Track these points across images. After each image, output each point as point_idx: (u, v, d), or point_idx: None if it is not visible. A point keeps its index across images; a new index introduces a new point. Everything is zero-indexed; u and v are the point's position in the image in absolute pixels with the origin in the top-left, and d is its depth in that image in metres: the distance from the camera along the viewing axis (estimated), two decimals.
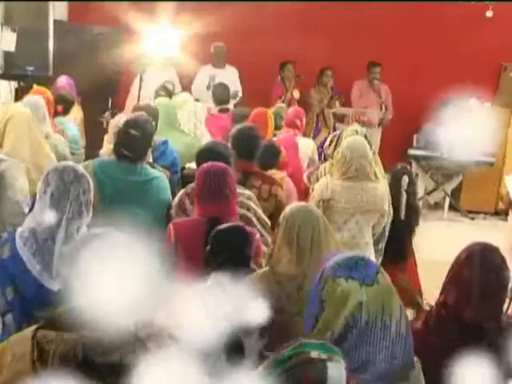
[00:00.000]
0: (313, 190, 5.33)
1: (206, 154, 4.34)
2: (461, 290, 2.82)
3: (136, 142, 4.30)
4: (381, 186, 5.00)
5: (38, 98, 5.72)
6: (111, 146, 4.76)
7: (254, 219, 4.21)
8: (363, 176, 4.87)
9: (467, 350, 2.59)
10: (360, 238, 4.87)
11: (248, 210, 4.22)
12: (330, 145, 5.73)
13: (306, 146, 6.79)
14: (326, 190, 4.87)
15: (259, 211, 4.31)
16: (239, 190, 4.33)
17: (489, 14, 9.62)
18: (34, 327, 2.23)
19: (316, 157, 6.76)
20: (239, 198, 4.25)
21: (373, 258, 4.83)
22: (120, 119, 5.55)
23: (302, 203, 3.94)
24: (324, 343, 1.97)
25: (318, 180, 5.33)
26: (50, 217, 3.19)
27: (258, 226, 4.20)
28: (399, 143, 10.17)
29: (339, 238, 4.46)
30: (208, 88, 8.86)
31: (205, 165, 3.96)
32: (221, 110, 7.74)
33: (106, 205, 4.01)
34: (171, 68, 9.56)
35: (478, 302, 2.76)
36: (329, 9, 10.08)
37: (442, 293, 2.93)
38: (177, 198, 4.25)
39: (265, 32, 9.82)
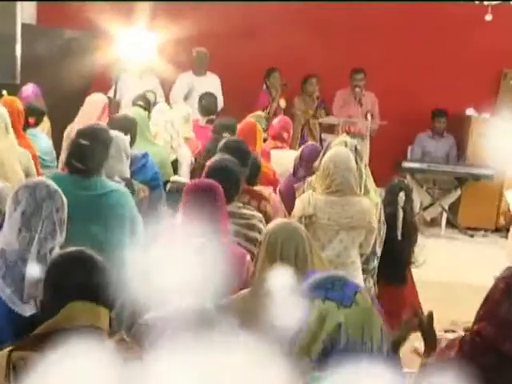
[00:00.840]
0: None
1: (214, 172, 4.33)
2: (499, 324, 2.80)
3: (89, 154, 4.14)
4: (366, 200, 4.98)
5: (0, 108, 5.67)
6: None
7: None
8: (348, 190, 4.87)
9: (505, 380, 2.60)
10: (345, 257, 4.84)
11: (259, 232, 4.25)
12: (299, 159, 5.77)
13: (292, 159, 6.78)
14: (308, 205, 4.85)
15: None
16: (251, 211, 4.41)
17: (488, 17, 9.67)
18: (8, 349, 2.25)
19: None
20: (252, 221, 4.31)
21: (360, 278, 4.86)
22: (73, 130, 5.47)
23: (285, 220, 3.97)
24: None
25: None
26: (20, 237, 3.20)
27: None
28: (392, 155, 10.21)
29: (323, 256, 4.47)
30: (185, 98, 8.84)
31: (192, 182, 3.98)
32: (208, 121, 7.73)
33: None
34: (153, 77, 9.56)
35: None
36: (318, 9, 10.11)
37: (475, 322, 2.91)
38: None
39: (248, 36, 9.84)
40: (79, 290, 2.60)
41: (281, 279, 2.95)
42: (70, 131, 5.56)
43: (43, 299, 2.71)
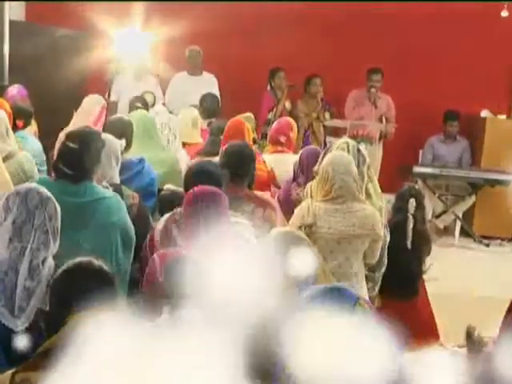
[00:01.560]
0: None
1: (195, 177, 4.35)
2: None
3: (78, 158, 4.12)
4: (370, 206, 4.97)
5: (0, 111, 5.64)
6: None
7: None
8: (349, 196, 4.84)
9: None
10: (347, 267, 4.83)
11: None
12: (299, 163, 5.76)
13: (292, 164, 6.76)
14: (308, 214, 4.82)
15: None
16: (239, 219, 4.37)
17: (504, 13, 9.70)
18: (11, 371, 2.28)
19: None
20: (237, 229, 4.31)
21: (364, 289, 4.87)
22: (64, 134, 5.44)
23: (287, 228, 3.98)
24: None
25: None
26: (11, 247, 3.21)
27: None
28: (403, 159, 10.20)
29: (325, 267, 4.47)
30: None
31: (194, 189, 3.99)
32: (210, 124, 7.69)
33: None
34: (151, 77, 9.58)
35: None
36: (324, 8, 10.11)
37: (500, 336, 2.92)
38: (161, 224, 4.19)
39: (249, 35, 9.86)
40: (86, 300, 2.64)
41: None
42: (63, 135, 5.54)
43: (49, 312, 2.73)
